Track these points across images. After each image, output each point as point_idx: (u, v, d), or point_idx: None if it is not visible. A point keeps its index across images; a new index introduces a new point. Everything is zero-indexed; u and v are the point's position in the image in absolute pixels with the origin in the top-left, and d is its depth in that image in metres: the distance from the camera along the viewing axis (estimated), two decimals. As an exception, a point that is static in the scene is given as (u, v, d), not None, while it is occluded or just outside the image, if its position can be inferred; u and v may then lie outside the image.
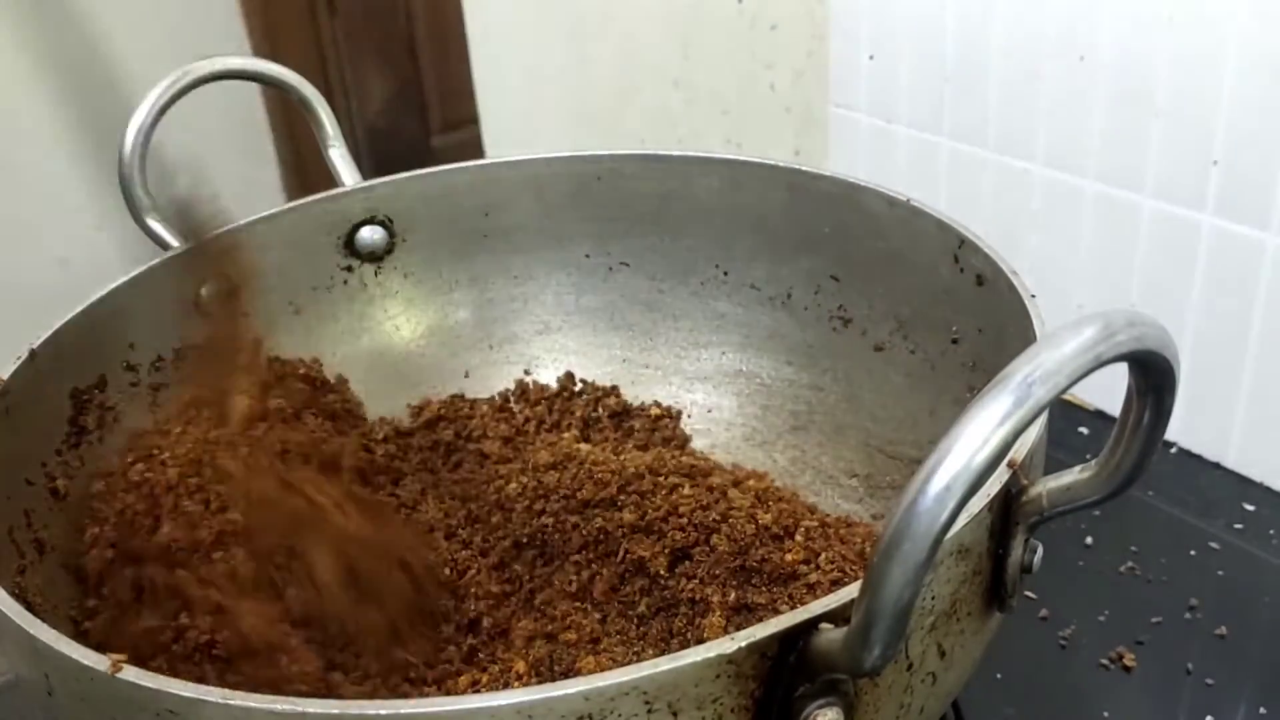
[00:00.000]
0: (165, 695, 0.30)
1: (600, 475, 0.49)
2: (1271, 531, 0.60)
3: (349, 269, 0.62)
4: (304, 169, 1.77)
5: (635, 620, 0.46)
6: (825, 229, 0.58)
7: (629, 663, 0.38)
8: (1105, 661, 0.53)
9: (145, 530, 0.45)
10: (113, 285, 0.52)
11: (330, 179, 0.62)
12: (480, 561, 0.50)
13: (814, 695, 0.30)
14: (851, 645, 0.28)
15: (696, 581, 0.45)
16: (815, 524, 0.46)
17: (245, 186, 1.61)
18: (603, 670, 0.38)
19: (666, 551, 0.46)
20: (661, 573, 0.45)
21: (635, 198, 0.62)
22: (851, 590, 0.30)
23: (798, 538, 0.45)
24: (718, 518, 0.46)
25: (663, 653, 0.44)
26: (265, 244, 0.58)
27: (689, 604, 0.45)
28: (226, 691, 0.30)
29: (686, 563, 0.45)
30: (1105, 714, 0.50)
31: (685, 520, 0.46)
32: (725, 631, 0.42)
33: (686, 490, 0.47)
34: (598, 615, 0.46)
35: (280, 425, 0.52)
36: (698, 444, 0.62)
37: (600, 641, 0.46)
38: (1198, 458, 0.66)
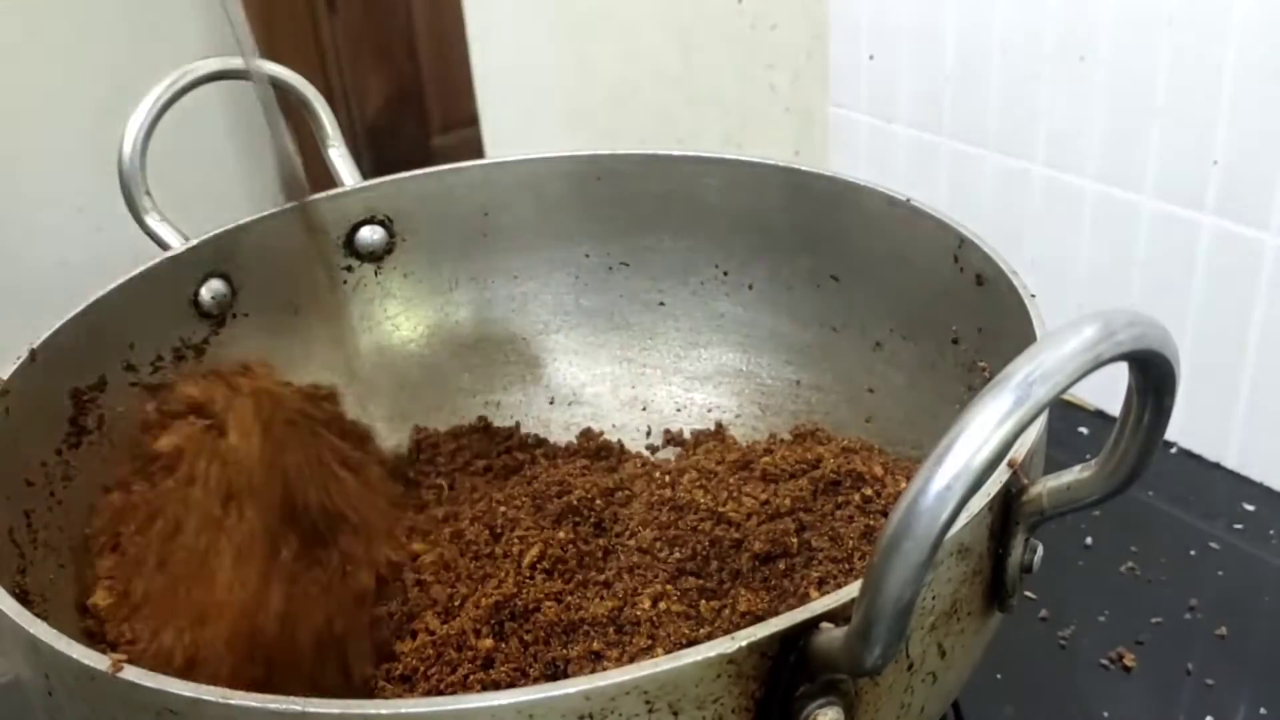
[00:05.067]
0: (165, 695, 0.30)
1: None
2: (1271, 531, 0.60)
3: (349, 269, 0.62)
4: (304, 169, 1.77)
5: None
6: (825, 229, 0.58)
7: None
8: (1105, 661, 0.53)
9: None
10: (113, 285, 0.52)
11: (330, 179, 0.62)
12: None
13: (814, 695, 0.30)
14: (852, 645, 0.28)
15: None
16: None
17: (245, 186, 1.60)
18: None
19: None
20: None
21: (635, 198, 0.62)
22: (852, 590, 0.30)
23: None
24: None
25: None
26: (265, 244, 0.58)
27: None
28: (226, 691, 0.30)
29: None
30: (1105, 714, 0.50)
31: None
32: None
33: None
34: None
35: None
36: (698, 444, 0.61)
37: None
38: (1198, 458, 0.66)
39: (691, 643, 0.41)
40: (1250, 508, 0.62)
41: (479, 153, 1.20)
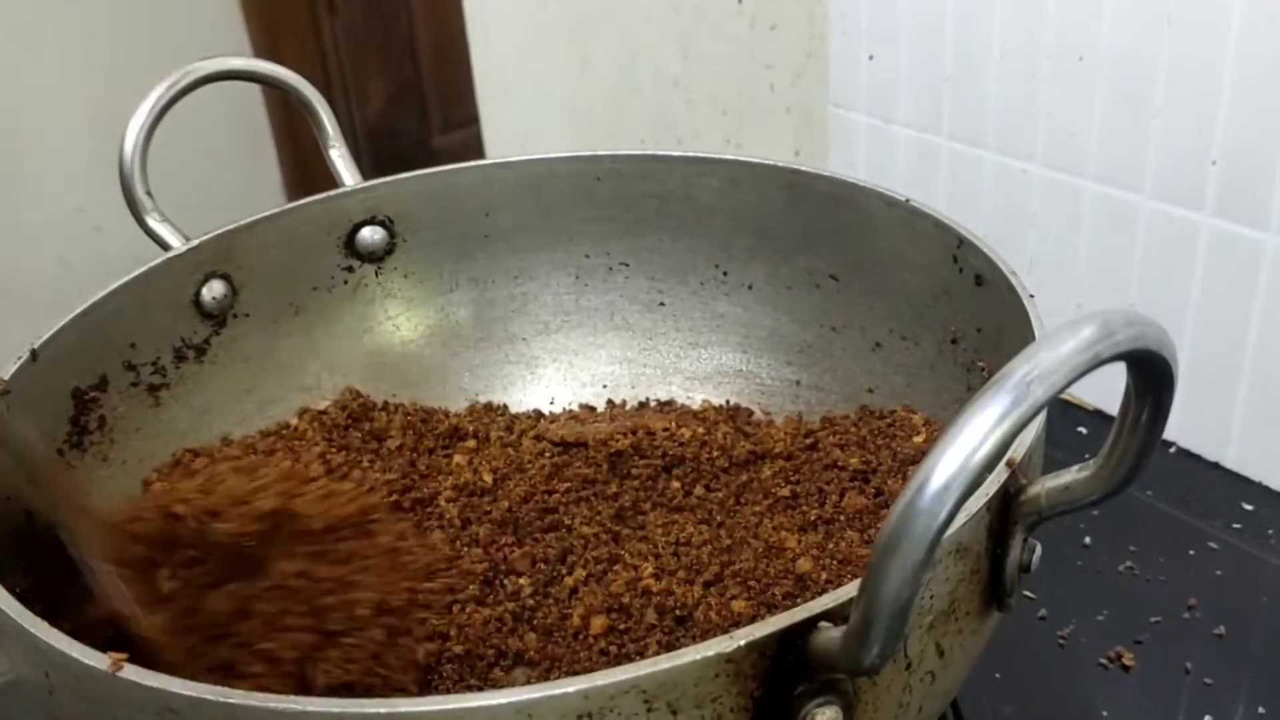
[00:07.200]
0: (165, 694, 0.30)
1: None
2: (1270, 531, 0.60)
3: (349, 269, 0.62)
4: (304, 169, 1.78)
5: None
6: (825, 229, 0.58)
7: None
8: (1104, 661, 0.53)
9: None
10: (113, 285, 0.52)
11: (330, 179, 0.62)
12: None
13: (813, 694, 0.30)
14: (850, 644, 0.28)
15: None
16: None
17: (245, 186, 1.61)
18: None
19: None
20: None
21: (635, 198, 0.62)
22: (850, 589, 0.30)
23: None
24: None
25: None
26: (265, 244, 0.58)
27: None
28: (225, 690, 0.30)
29: None
30: (1105, 714, 0.50)
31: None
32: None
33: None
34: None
35: None
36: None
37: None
38: (1197, 458, 0.66)
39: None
40: (1249, 508, 0.62)
41: (479, 153, 1.20)
